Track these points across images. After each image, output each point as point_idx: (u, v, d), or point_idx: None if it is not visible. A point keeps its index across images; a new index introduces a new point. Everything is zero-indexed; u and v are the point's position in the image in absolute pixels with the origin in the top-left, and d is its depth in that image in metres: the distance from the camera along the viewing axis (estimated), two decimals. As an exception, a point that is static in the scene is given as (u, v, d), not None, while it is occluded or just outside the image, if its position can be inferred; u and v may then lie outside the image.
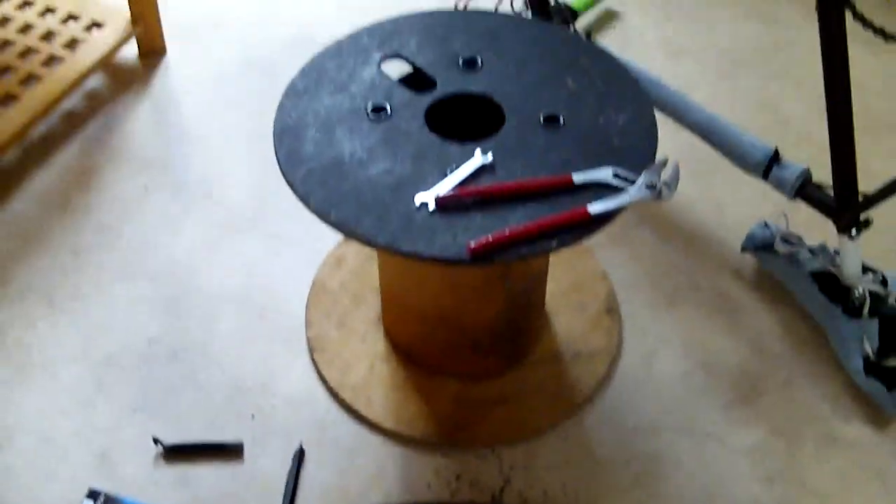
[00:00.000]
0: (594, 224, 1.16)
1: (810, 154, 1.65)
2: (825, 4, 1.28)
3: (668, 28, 2.16)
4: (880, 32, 1.24)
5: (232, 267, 1.68)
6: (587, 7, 2.10)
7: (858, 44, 1.40)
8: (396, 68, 1.40)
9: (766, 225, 1.64)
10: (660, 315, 1.62)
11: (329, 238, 1.66)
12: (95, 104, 1.96)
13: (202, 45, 2.10)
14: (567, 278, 1.64)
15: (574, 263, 1.66)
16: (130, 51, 2.07)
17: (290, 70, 1.38)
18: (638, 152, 1.25)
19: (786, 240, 1.60)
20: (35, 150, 1.86)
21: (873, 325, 1.48)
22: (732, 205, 1.77)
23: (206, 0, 2.22)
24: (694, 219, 1.76)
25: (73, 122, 1.92)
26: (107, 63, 1.98)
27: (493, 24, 1.47)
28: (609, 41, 2.10)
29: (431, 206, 1.17)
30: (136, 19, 1.99)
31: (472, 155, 1.24)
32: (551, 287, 1.58)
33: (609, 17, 2.18)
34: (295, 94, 1.34)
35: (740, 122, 1.61)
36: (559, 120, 1.29)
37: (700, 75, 2.05)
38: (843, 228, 1.48)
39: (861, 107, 1.93)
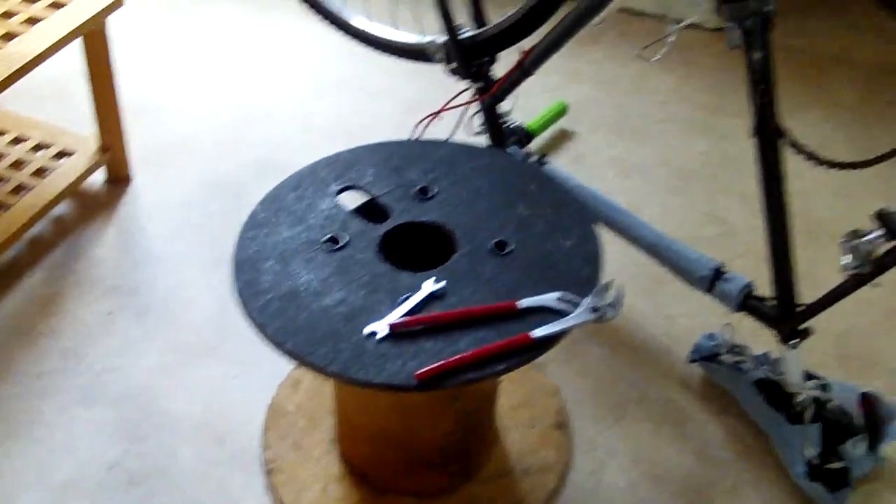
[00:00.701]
0: (537, 348, 1.21)
1: (756, 264, 1.71)
2: (762, 138, 1.36)
3: (619, 146, 2.24)
4: (813, 157, 1.31)
5: (193, 391, 1.70)
6: (542, 128, 2.18)
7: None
8: (353, 199, 1.46)
9: (712, 336, 1.70)
10: (609, 427, 1.65)
11: (287, 361, 1.69)
12: (62, 230, 2.01)
13: (168, 170, 2.16)
14: (518, 394, 1.68)
15: (524, 379, 1.70)
16: (98, 177, 2.12)
17: (255, 194, 1.43)
18: (582, 276, 1.31)
19: (731, 350, 1.66)
20: (0, 276, 1.90)
21: (816, 431, 1.53)
22: (681, 317, 1.83)
23: (172, 126, 2.29)
24: (643, 331, 1.81)
25: (39, 249, 1.96)
26: (74, 190, 2.04)
27: (447, 152, 1.54)
28: (563, 161, 2.19)
29: (382, 335, 1.22)
30: (104, 147, 2.05)
31: (424, 283, 1.29)
32: (502, 403, 1.62)
33: (563, 137, 2.26)
34: (255, 225, 1.39)
35: (690, 235, 1.68)
36: (509, 247, 1.35)
37: (651, 191, 2.12)
38: (784, 339, 1.53)
39: (807, 216, 2.03)
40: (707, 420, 1.67)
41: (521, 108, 1.97)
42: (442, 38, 1.80)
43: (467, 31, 1.79)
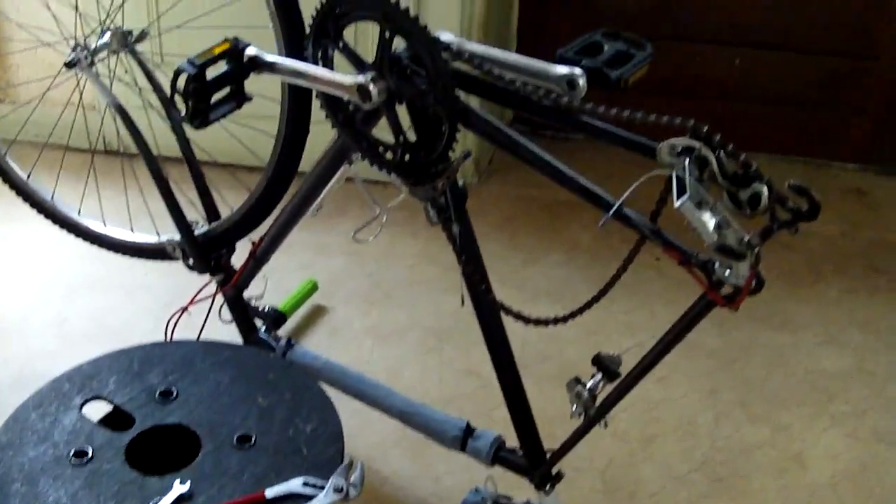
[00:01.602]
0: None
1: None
2: (476, 306, 1.46)
3: (373, 314, 2.33)
4: (521, 318, 1.40)
5: None
6: (294, 308, 2.24)
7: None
8: (98, 409, 1.45)
9: (477, 490, 1.75)
10: None
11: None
12: None
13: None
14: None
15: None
16: None
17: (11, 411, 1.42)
18: (326, 458, 1.35)
19: (496, 502, 1.72)
20: None
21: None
22: (447, 475, 1.88)
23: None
24: (412, 493, 1.86)
25: None
26: None
27: (187, 351, 1.56)
28: (319, 336, 2.24)
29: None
30: None
31: (172, 486, 1.29)
32: None
33: (318, 313, 2.33)
34: (-3, 450, 1.36)
35: (449, 393, 1.74)
36: (251, 439, 1.37)
37: (408, 354, 2.20)
38: (538, 485, 1.61)
39: (560, 358, 2.15)
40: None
41: (273, 289, 2.02)
42: (177, 236, 1.84)
43: (201, 227, 1.84)
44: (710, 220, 1.06)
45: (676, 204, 1.06)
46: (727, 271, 1.16)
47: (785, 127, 3.00)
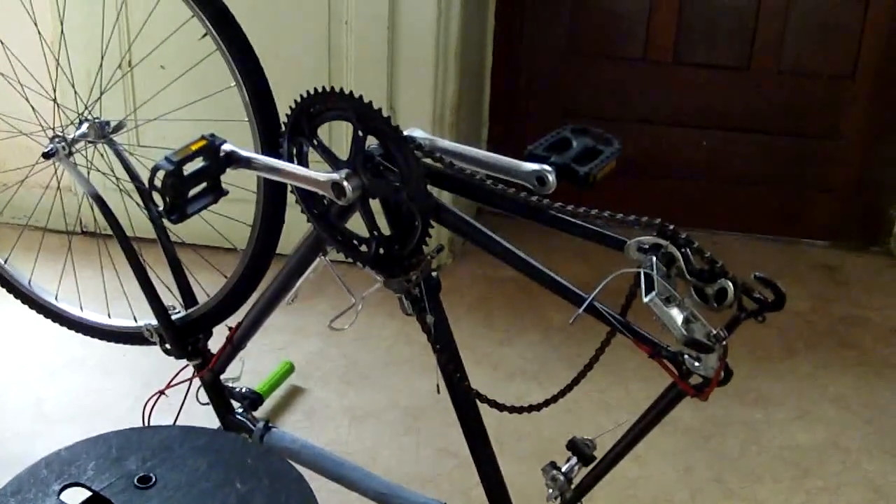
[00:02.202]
0: None
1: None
2: (452, 394, 1.48)
3: (350, 395, 2.34)
4: (497, 405, 1.42)
5: None
6: (271, 390, 2.24)
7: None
8: (77, 495, 1.45)
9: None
10: None
11: None
12: None
13: None
14: None
15: None
16: None
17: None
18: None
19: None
20: None
21: None
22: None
23: None
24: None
25: None
26: None
27: (165, 437, 1.56)
28: (297, 417, 2.25)
29: None
30: None
31: (147, 579, 1.29)
32: None
33: (295, 394, 2.33)
34: (-34, 545, 1.36)
35: (427, 473, 1.75)
36: (228, 528, 1.38)
37: (386, 434, 2.21)
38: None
39: (538, 436, 2.16)
40: None
41: (250, 370, 2.03)
42: (154, 321, 1.86)
43: (178, 312, 1.86)
44: (678, 316, 1.09)
45: (645, 300, 1.10)
46: (696, 363, 1.19)
47: (754, 206, 3.07)
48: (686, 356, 1.19)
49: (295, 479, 1.48)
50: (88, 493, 1.45)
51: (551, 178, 1.24)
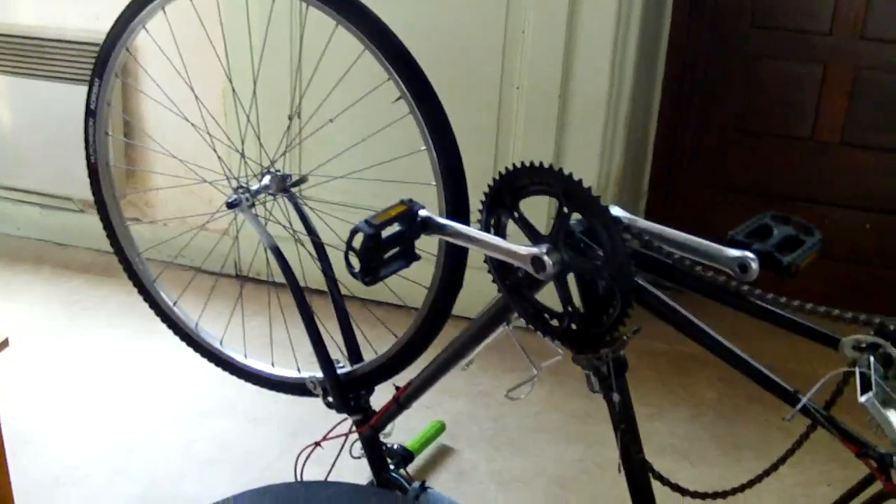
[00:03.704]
0: None
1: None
2: (628, 472, 1.45)
3: (498, 459, 2.32)
4: (679, 489, 1.38)
5: None
6: (422, 448, 2.25)
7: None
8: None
9: None
10: None
11: None
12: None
13: (50, 507, 2.13)
14: None
15: None
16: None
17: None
18: None
19: None
20: None
21: None
22: None
23: (56, 457, 2.27)
24: None
25: None
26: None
27: (331, 494, 1.58)
28: (445, 477, 2.24)
29: None
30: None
31: None
32: None
33: (444, 454, 2.34)
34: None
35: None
36: None
37: (531, 501, 2.19)
38: None
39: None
40: None
41: (399, 426, 2.04)
42: (319, 374, 1.88)
43: (343, 367, 1.88)
44: (894, 419, 1.05)
45: (861, 399, 1.06)
46: (906, 466, 1.14)
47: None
48: (895, 457, 1.14)
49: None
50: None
51: (754, 265, 1.22)
